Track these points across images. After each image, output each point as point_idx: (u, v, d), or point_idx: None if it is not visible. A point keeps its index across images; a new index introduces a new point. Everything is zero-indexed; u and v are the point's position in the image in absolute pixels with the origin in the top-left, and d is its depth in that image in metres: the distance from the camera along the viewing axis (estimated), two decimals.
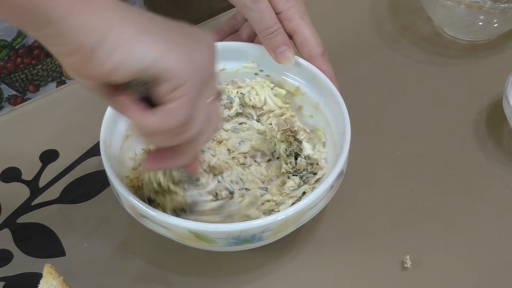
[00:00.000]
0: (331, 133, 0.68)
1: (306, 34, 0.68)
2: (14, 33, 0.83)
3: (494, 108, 0.79)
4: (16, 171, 0.75)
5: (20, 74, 0.88)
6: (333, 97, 0.67)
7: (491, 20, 0.83)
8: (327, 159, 0.68)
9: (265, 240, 0.60)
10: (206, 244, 0.59)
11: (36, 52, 0.87)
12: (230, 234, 0.58)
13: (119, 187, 0.60)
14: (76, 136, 0.77)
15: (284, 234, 0.62)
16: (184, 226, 0.57)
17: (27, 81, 0.89)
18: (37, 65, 0.88)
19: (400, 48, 0.87)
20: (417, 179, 0.73)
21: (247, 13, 0.68)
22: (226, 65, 0.72)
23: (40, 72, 0.89)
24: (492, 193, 0.72)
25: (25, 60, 0.87)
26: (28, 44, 0.85)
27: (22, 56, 0.86)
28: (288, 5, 0.68)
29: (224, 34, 0.76)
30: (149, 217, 0.59)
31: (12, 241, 0.69)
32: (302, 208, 0.59)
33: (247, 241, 0.59)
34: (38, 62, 0.88)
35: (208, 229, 0.57)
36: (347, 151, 0.62)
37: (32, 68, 0.88)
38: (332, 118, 0.68)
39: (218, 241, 0.58)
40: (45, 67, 0.89)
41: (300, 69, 0.70)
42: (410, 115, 0.80)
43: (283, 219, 0.58)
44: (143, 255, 0.68)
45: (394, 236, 0.68)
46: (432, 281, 0.65)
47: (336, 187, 0.62)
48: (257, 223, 0.58)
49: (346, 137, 0.63)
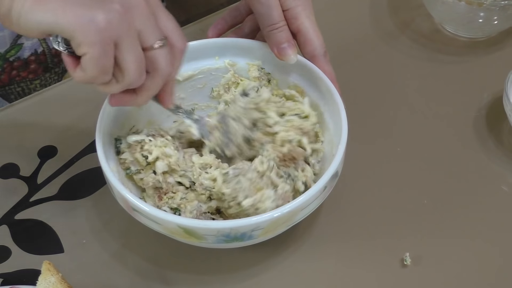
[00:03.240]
0: (329, 134, 0.67)
1: (310, 33, 0.68)
2: (7, 45, 0.83)
3: (494, 105, 0.79)
4: (14, 167, 0.74)
5: (16, 87, 0.88)
6: (332, 99, 0.66)
7: (491, 17, 0.82)
8: (323, 160, 0.67)
9: (256, 239, 0.60)
10: (196, 240, 0.59)
11: (33, 66, 0.87)
12: (219, 231, 0.58)
13: (112, 180, 0.60)
14: (74, 132, 0.77)
15: (276, 234, 0.62)
16: (174, 222, 0.58)
17: (23, 95, 0.89)
18: (35, 80, 0.88)
19: (400, 44, 0.87)
20: (417, 177, 0.73)
21: (255, 6, 0.68)
22: (237, 60, 0.72)
23: (38, 87, 0.89)
24: (492, 190, 0.72)
25: (21, 73, 0.87)
26: (23, 57, 0.86)
27: (17, 69, 0.86)
28: (296, 3, 0.68)
29: (226, 25, 0.76)
30: (140, 211, 0.59)
31: (11, 238, 0.69)
32: (293, 208, 0.58)
33: (237, 239, 0.59)
34: (35, 77, 0.88)
35: (198, 225, 0.57)
36: (342, 153, 0.62)
37: (29, 83, 0.88)
38: (330, 120, 0.67)
39: (208, 238, 0.58)
40: (43, 83, 0.89)
41: (301, 68, 0.70)
42: (410, 112, 0.79)
43: (274, 219, 0.58)
44: (142, 252, 0.68)
45: (394, 234, 0.68)
46: (432, 279, 0.65)
47: (330, 188, 0.62)
48: (247, 221, 0.58)
49: (342, 139, 0.62)
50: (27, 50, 0.85)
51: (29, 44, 0.85)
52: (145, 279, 0.66)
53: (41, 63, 0.87)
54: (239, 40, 0.72)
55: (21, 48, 0.85)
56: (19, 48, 0.85)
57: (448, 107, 0.80)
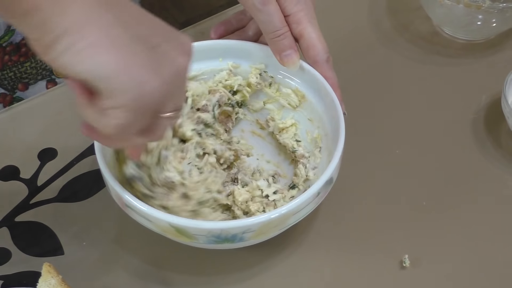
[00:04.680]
0: (327, 140, 0.68)
1: (313, 38, 0.68)
2: (1, 32, 0.83)
3: (492, 108, 0.79)
4: (14, 170, 0.74)
5: (8, 72, 0.87)
6: (332, 105, 0.66)
7: (490, 20, 0.83)
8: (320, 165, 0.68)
9: (247, 241, 0.60)
10: (187, 240, 0.59)
11: (23, 49, 0.86)
12: (210, 232, 0.58)
13: (107, 175, 0.60)
14: (74, 134, 0.76)
15: (268, 237, 0.62)
16: (166, 220, 0.58)
17: (15, 79, 0.89)
18: (25, 63, 0.87)
19: (398, 47, 0.87)
20: (415, 178, 0.73)
21: (255, 14, 0.67)
22: (240, 63, 0.72)
23: (29, 70, 0.89)
24: (491, 192, 0.72)
25: (12, 57, 0.86)
26: (15, 42, 0.85)
27: (9, 54, 0.86)
28: (297, 8, 0.67)
29: (231, 27, 0.76)
30: (133, 208, 0.59)
31: (11, 240, 0.69)
32: (285, 212, 0.59)
33: (228, 240, 0.59)
34: (26, 59, 0.87)
35: (189, 224, 0.58)
36: (337, 161, 0.62)
37: (20, 66, 0.87)
38: (329, 126, 0.67)
39: (199, 238, 0.59)
40: (33, 65, 0.89)
41: (303, 73, 0.70)
42: (408, 114, 0.80)
43: (265, 222, 0.58)
44: (142, 254, 0.68)
45: (392, 235, 0.68)
46: (431, 280, 0.65)
47: (324, 194, 0.62)
48: (238, 223, 0.58)
49: (338, 147, 0.62)
50: (19, 35, 0.84)
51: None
52: (145, 281, 0.66)
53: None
54: (243, 43, 0.72)
55: (14, 34, 0.84)
56: (12, 33, 0.84)
57: (447, 109, 0.80)
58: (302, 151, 0.70)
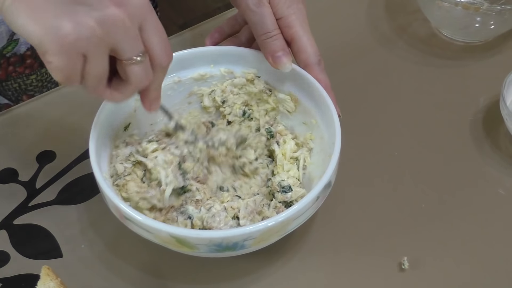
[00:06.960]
0: (323, 143, 0.67)
1: (304, 42, 0.68)
2: (3, 41, 0.83)
3: (491, 110, 0.79)
4: (12, 172, 0.74)
5: (12, 83, 0.88)
6: (326, 108, 0.66)
7: (488, 22, 0.83)
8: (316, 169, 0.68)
9: (248, 248, 0.60)
10: (188, 250, 0.59)
11: (29, 61, 0.87)
12: (211, 241, 0.58)
13: (105, 188, 0.60)
14: (73, 137, 0.77)
15: (268, 243, 0.62)
16: (166, 231, 0.57)
17: (20, 91, 0.89)
18: (31, 75, 0.88)
19: (396, 49, 0.88)
20: (414, 180, 0.73)
21: (248, 16, 0.68)
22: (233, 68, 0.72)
23: (35, 82, 0.89)
24: (489, 194, 0.72)
25: (17, 69, 0.87)
26: (20, 53, 0.85)
27: (14, 65, 0.86)
28: (289, 12, 0.68)
29: (224, 34, 0.76)
30: (132, 220, 0.59)
31: (9, 243, 0.69)
32: (285, 218, 0.58)
33: (229, 248, 0.59)
34: (31, 72, 0.88)
35: (189, 234, 0.58)
36: (335, 164, 0.62)
37: (25, 78, 0.88)
38: (324, 129, 0.67)
39: (200, 247, 0.58)
40: (39, 78, 0.89)
41: (295, 77, 0.69)
42: (407, 116, 0.80)
43: (265, 229, 0.58)
44: (141, 257, 0.68)
45: (391, 238, 0.68)
46: (430, 282, 0.65)
47: (323, 197, 0.62)
48: (239, 231, 0.58)
49: (335, 150, 0.62)
50: (23, 46, 0.85)
51: (26, 40, 0.85)
52: (144, 285, 0.66)
53: (37, 58, 0.87)
54: (233, 48, 0.72)
55: (17, 44, 0.84)
56: (16, 43, 0.84)
57: (445, 111, 0.80)
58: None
